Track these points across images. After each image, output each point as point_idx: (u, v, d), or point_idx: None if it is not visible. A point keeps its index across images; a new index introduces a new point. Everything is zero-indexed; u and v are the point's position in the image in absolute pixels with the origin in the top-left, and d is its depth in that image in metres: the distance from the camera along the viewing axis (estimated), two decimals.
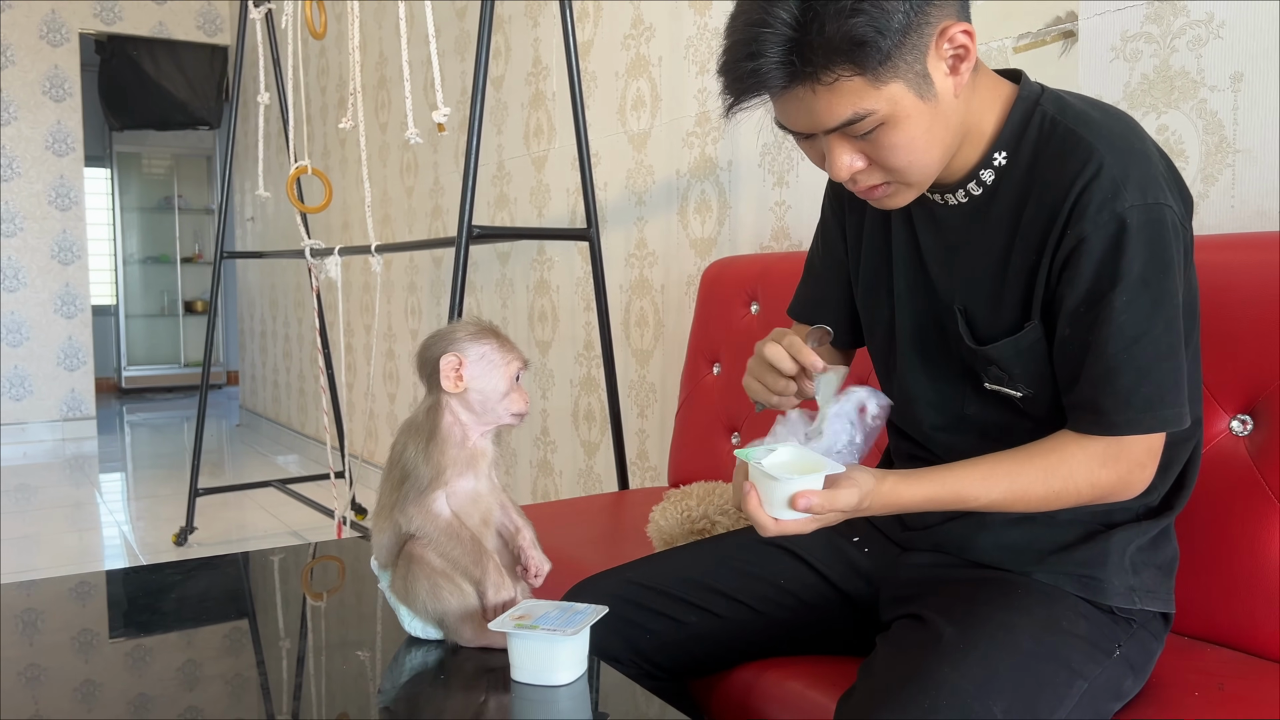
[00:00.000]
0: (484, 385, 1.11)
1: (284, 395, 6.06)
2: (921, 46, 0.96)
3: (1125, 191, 0.97)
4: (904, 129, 0.99)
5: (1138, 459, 1.02)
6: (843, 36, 0.92)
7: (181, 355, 8.85)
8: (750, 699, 1.23)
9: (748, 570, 1.26)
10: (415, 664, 1.12)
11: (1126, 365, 0.98)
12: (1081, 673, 1.00)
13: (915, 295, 1.17)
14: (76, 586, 1.45)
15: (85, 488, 4.79)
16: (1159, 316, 0.98)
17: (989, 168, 1.07)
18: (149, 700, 1.02)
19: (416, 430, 1.11)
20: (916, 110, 0.98)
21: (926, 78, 0.97)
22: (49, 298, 6.00)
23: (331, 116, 4.90)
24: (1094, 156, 0.99)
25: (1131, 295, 0.97)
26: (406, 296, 4.19)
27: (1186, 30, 1.50)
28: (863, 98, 0.96)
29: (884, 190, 1.06)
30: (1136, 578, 1.10)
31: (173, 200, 8.79)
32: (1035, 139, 1.04)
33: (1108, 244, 0.97)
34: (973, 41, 0.98)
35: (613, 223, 2.81)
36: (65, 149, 6.00)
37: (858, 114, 0.97)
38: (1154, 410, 0.99)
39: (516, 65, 3.23)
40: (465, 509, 1.12)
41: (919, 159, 1.01)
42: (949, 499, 1.03)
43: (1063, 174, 1.00)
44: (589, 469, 3.00)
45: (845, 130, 0.99)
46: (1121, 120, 1.03)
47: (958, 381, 1.14)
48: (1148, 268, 0.97)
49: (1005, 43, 1.75)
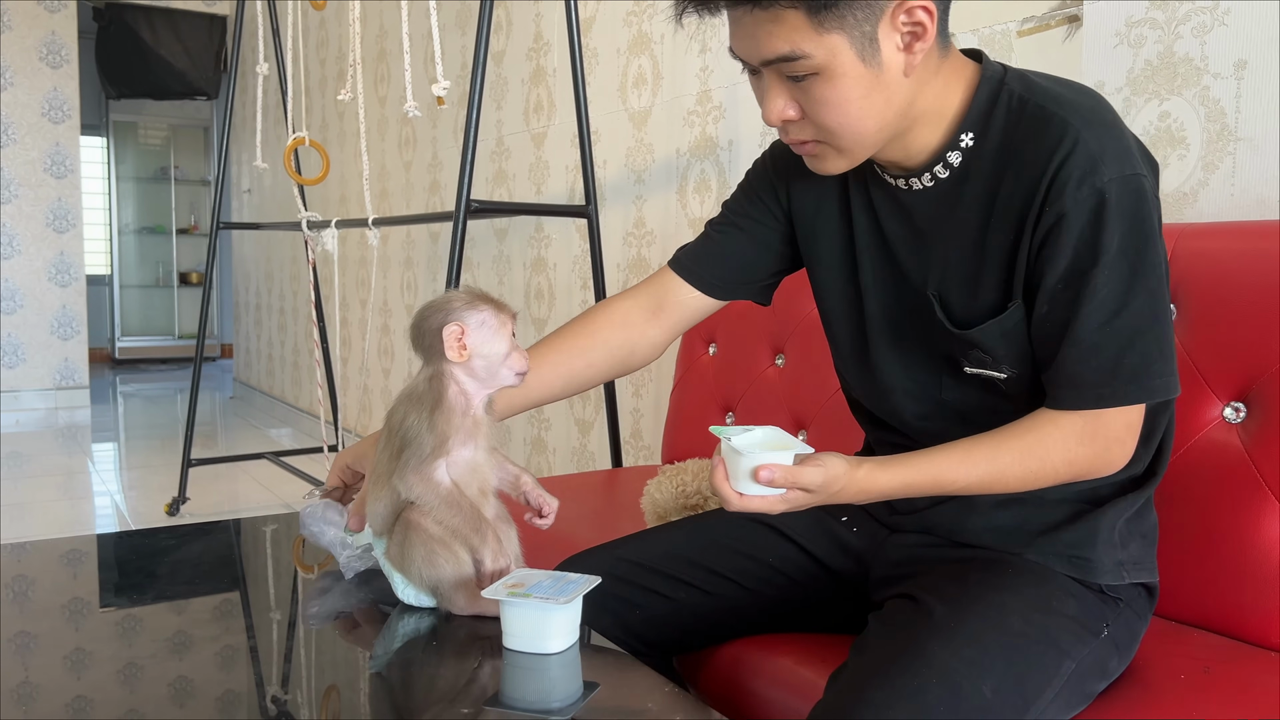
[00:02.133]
0: (487, 350, 1.12)
1: (278, 368, 6.06)
2: (876, 9, 0.95)
3: (1103, 165, 0.96)
4: (838, 86, 0.98)
5: (1116, 435, 1.02)
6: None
7: (176, 327, 8.84)
8: (739, 674, 1.24)
9: (737, 548, 1.26)
10: (407, 632, 1.12)
11: (1109, 339, 0.98)
12: (1069, 653, 1.00)
13: (884, 285, 1.16)
14: (68, 552, 1.45)
15: (78, 456, 4.79)
16: (1140, 287, 0.97)
17: (955, 149, 1.06)
18: (138, 669, 1.03)
19: (418, 399, 1.11)
20: (855, 71, 0.97)
21: (874, 42, 0.96)
22: (43, 265, 5.99)
23: (330, 88, 4.87)
24: (1069, 132, 0.98)
25: (1112, 269, 0.97)
26: (403, 271, 4.18)
27: (1191, 17, 1.49)
28: (802, 37, 0.95)
29: (813, 148, 1.06)
30: (1125, 551, 1.10)
31: (169, 170, 8.76)
32: (1004, 119, 1.04)
33: (1088, 219, 0.97)
34: (932, 21, 0.97)
35: (611, 201, 2.80)
36: (61, 116, 5.97)
37: (794, 52, 0.96)
38: (1139, 380, 0.99)
39: (518, 40, 3.21)
40: (464, 478, 1.13)
41: (850, 124, 1.01)
42: (926, 484, 1.03)
43: (1038, 151, 1.00)
44: (583, 447, 3.00)
45: (780, 69, 0.99)
46: (1089, 95, 1.03)
47: (934, 368, 1.14)
48: (1127, 240, 0.97)
49: (1010, 26, 1.75)
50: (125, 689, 0.98)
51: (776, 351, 1.96)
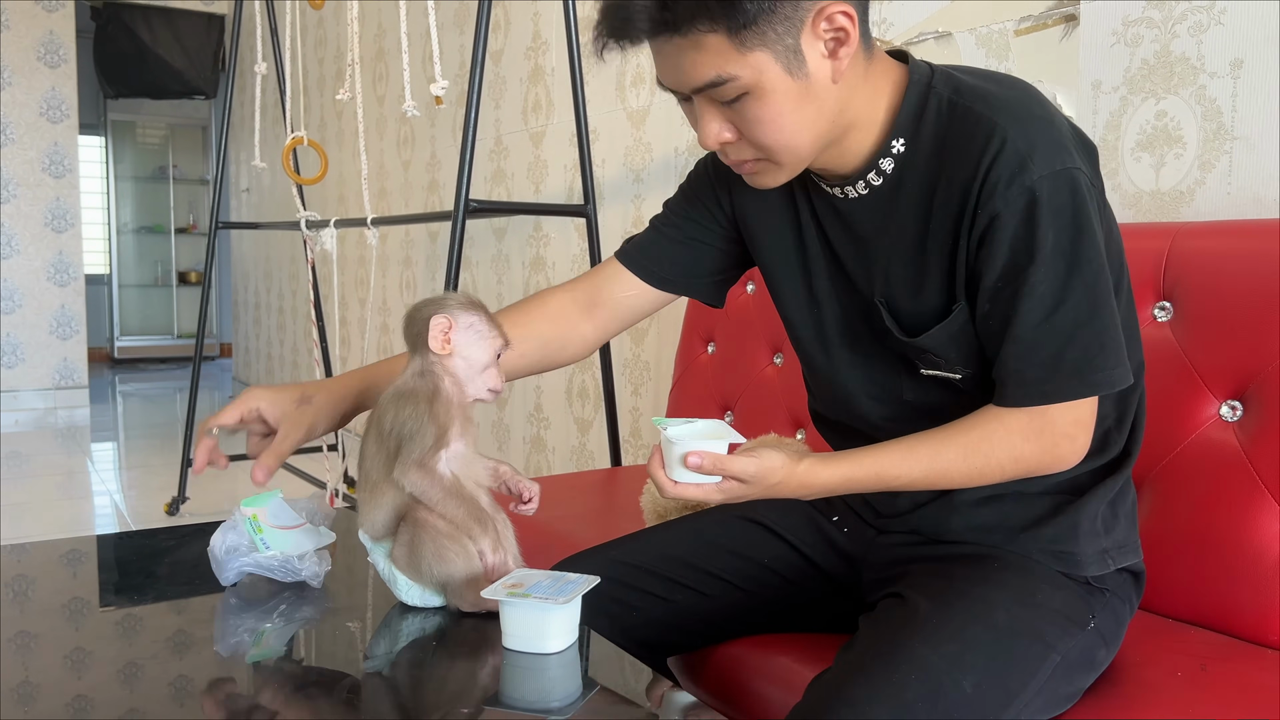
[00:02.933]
0: (469, 353, 1.14)
1: (277, 368, 6.06)
2: (795, 20, 0.94)
3: (1032, 163, 0.96)
4: (769, 103, 0.97)
5: (1063, 431, 1.02)
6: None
7: (175, 326, 8.84)
8: (738, 673, 1.24)
9: (732, 549, 1.27)
10: (406, 632, 1.12)
11: (1049, 335, 0.98)
12: (1055, 646, 1.00)
13: (837, 291, 1.16)
14: (68, 552, 1.45)
15: (77, 456, 4.79)
16: (1077, 281, 0.97)
17: (888, 156, 1.06)
18: (139, 668, 1.03)
19: (410, 394, 1.11)
20: (784, 86, 0.96)
21: (798, 54, 0.95)
22: (42, 265, 5.98)
23: (329, 88, 4.87)
24: (996, 131, 0.97)
25: (1048, 267, 0.97)
26: (402, 271, 4.18)
27: (1188, 16, 1.49)
28: (726, 60, 0.94)
29: (753, 166, 1.05)
30: (1108, 537, 1.10)
31: (168, 170, 8.75)
32: (934, 122, 1.03)
33: (1020, 219, 0.97)
34: (853, 25, 0.96)
35: (610, 200, 2.81)
36: (60, 116, 5.96)
37: (720, 77, 0.95)
38: (1082, 375, 0.99)
39: (516, 39, 3.22)
40: (461, 471, 1.14)
41: (786, 139, 1.00)
42: (868, 479, 1.04)
43: (968, 153, 0.99)
44: (582, 446, 3.01)
45: (711, 94, 0.98)
46: (1017, 88, 1.02)
47: (893, 371, 1.14)
48: (1061, 236, 0.97)
49: (1007, 25, 1.75)
50: (126, 689, 0.98)
51: (775, 351, 1.97)
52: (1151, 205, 1.56)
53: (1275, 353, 1.21)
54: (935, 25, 1.87)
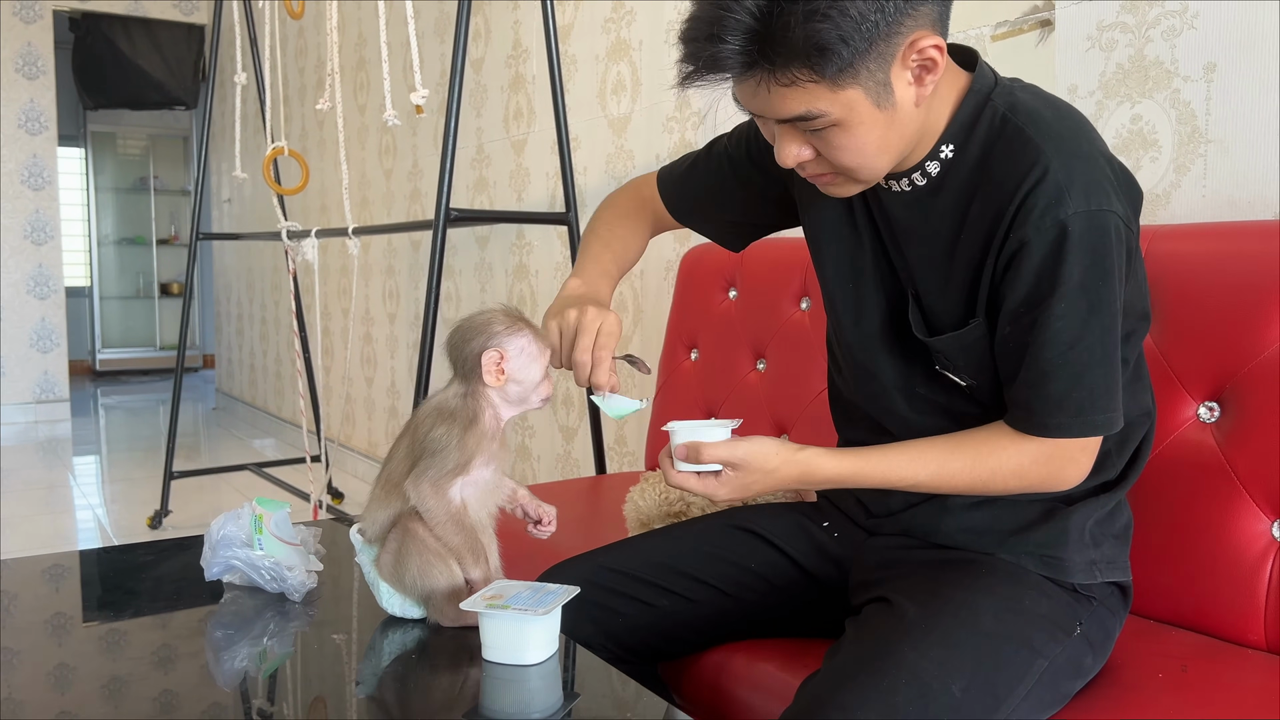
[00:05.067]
0: (523, 376, 1.13)
1: (260, 378, 6.03)
2: (888, 55, 0.94)
3: (1069, 198, 0.97)
4: (856, 134, 0.98)
5: (1070, 455, 1.05)
6: (805, 40, 0.91)
7: (157, 338, 8.78)
8: (722, 680, 1.24)
9: (718, 554, 1.27)
10: (390, 645, 1.12)
11: (1060, 370, 1.00)
12: (1042, 652, 1.01)
13: (877, 270, 1.18)
14: (50, 567, 1.44)
15: (58, 470, 4.76)
16: (1095, 323, 0.99)
17: (935, 159, 1.07)
18: (123, 683, 1.02)
19: (451, 414, 1.11)
20: (871, 118, 0.97)
21: (887, 86, 0.96)
22: (22, 278, 5.94)
23: (309, 98, 4.86)
24: (1040, 159, 0.98)
25: (1070, 302, 0.98)
26: (384, 280, 4.17)
27: (1161, 20, 1.51)
28: (817, 99, 0.95)
29: (830, 179, 1.06)
30: (1097, 550, 1.12)
31: (148, 181, 8.71)
32: (985, 135, 1.04)
33: (1049, 250, 0.98)
34: (942, 55, 0.97)
35: (592, 207, 2.80)
36: (39, 127, 5.93)
37: (810, 113, 0.97)
38: (1084, 415, 1.02)
39: (496, 48, 3.22)
40: (478, 498, 1.14)
41: (868, 162, 1.02)
42: (874, 476, 1.07)
43: (1010, 175, 1.00)
44: (567, 454, 3.01)
45: (796, 123, 0.99)
46: (1072, 119, 1.03)
47: (913, 358, 1.16)
48: (1088, 275, 0.98)
49: (983, 30, 1.76)
50: (109, 704, 0.97)
51: (758, 356, 1.97)
52: None
53: (1252, 354, 1.22)
54: None
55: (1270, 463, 1.19)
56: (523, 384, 1.13)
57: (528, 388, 1.14)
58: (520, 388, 1.13)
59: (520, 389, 1.13)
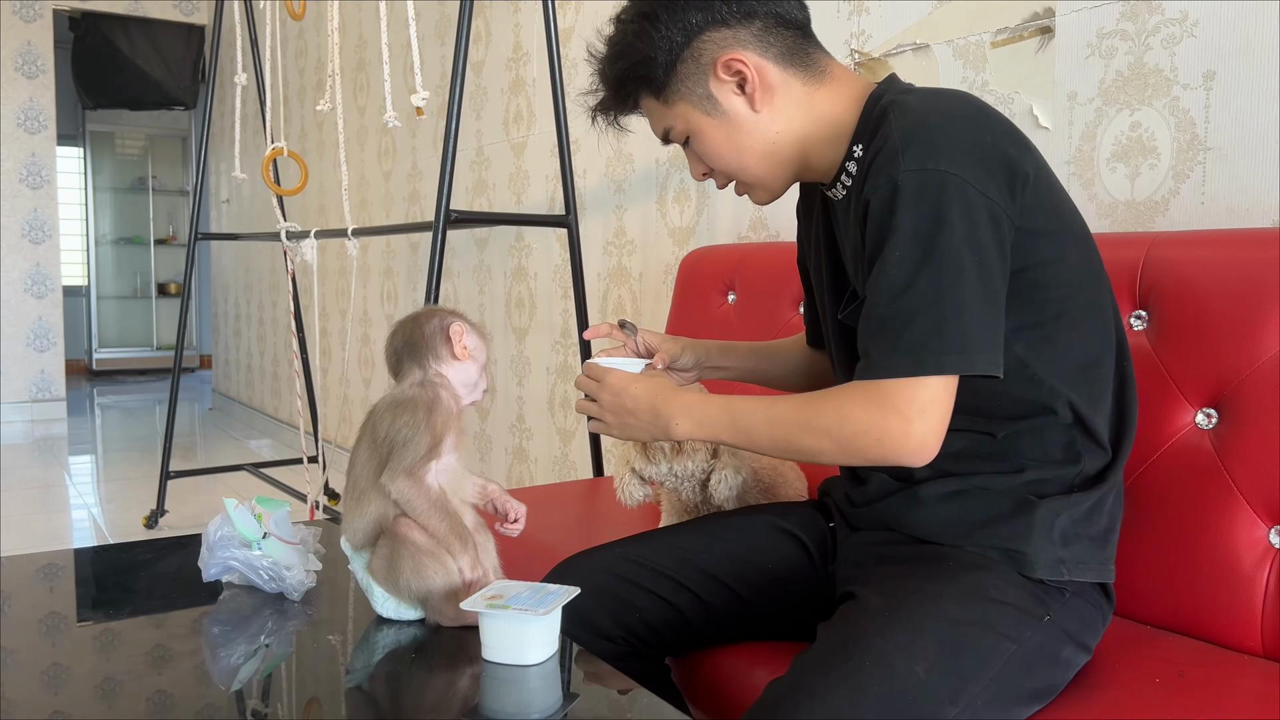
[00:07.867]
0: (479, 356, 1.20)
1: (258, 379, 6.03)
2: (699, 74, 1.15)
3: (902, 158, 1.03)
4: (705, 140, 1.18)
5: (898, 407, 1.02)
6: (623, 71, 1.18)
7: (154, 338, 8.77)
8: (730, 680, 1.24)
9: (735, 552, 1.30)
10: (387, 644, 1.12)
11: (893, 315, 1.02)
12: (1009, 635, 1.02)
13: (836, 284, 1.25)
14: (45, 566, 1.44)
15: (54, 469, 4.75)
16: (926, 271, 1.01)
17: (851, 160, 1.15)
18: (117, 683, 1.02)
19: (408, 403, 1.12)
20: (710, 125, 1.17)
21: (711, 98, 1.16)
22: (19, 277, 5.93)
23: (309, 99, 4.86)
24: (884, 128, 1.06)
25: (903, 250, 1.02)
26: (383, 281, 4.17)
27: (1161, 28, 1.51)
28: (663, 116, 1.19)
29: (739, 189, 1.24)
30: (1066, 549, 1.10)
31: (147, 181, 8.70)
32: (875, 129, 1.11)
33: (882, 203, 1.04)
34: (748, 68, 1.13)
35: (591, 210, 2.81)
36: (38, 126, 5.92)
37: (666, 129, 1.20)
38: (915, 355, 1.01)
39: (497, 50, 3.22)
40: (450, 486, 1.14)
41: (732, 163, 1.19)
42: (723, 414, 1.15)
43: (871, 151, 1.08)
44: (564, 456, 3.01)
45: (670, 142, 1.22)
46: (938, 99, 1.09)
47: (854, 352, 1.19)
48: (921, 225, 1.01)
49: (983, 37, 1.77)
50: (104, 704, 0.97)
51: None
52: (1126, 215, 1.57)
53: (1250, 360, 1.23)
54: (913, 37, 1.88)
55: (1268, 469, 1.20)
56: (477, 365, 1.19)
57: (476, 372, 1.19)
58: (474, 369, 1.19)
59: (473, 371, 1.19)
